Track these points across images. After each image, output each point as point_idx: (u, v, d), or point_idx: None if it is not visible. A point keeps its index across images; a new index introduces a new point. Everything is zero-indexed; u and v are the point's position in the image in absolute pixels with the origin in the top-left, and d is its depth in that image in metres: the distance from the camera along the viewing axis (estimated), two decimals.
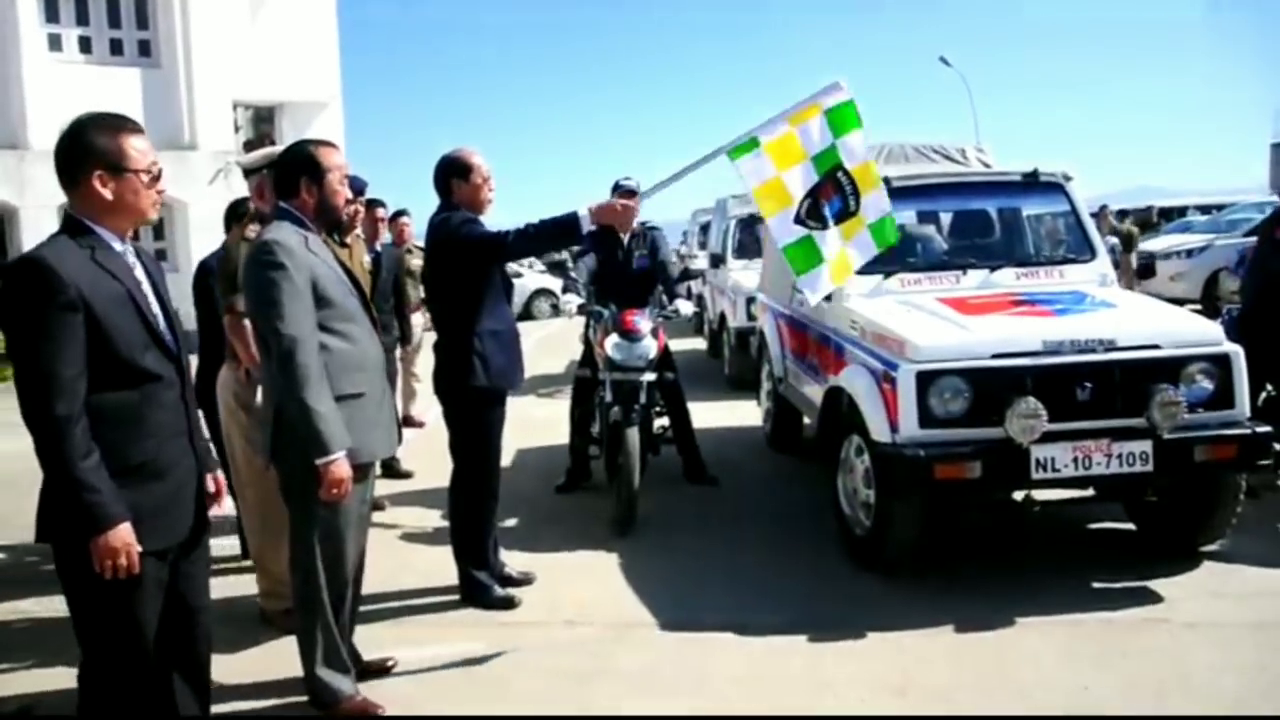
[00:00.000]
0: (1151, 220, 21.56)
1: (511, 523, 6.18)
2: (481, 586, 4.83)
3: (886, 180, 5.81)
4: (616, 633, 4.54)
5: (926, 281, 5.66)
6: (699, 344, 13.58)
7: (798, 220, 4.51)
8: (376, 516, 6.26)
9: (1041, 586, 4.80)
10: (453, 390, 4.75)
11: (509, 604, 4.80)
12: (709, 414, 8.27)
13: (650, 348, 6.14)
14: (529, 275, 23.51)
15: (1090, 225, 5.92)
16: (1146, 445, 4.54)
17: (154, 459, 2.79)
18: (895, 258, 6.00)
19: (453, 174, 4.72)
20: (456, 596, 4.90)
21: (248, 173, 4.73)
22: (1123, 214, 19.70)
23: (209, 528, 3.11)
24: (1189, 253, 14.95)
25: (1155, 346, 4.67)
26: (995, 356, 4.61)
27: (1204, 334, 4.78)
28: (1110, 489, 4.85)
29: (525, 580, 5.06)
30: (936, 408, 4.58)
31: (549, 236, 4.53)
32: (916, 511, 4.80)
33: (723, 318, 11.05)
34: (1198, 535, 5.08)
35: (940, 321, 4.94)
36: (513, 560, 5.22)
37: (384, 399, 3.80)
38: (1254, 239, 14.28)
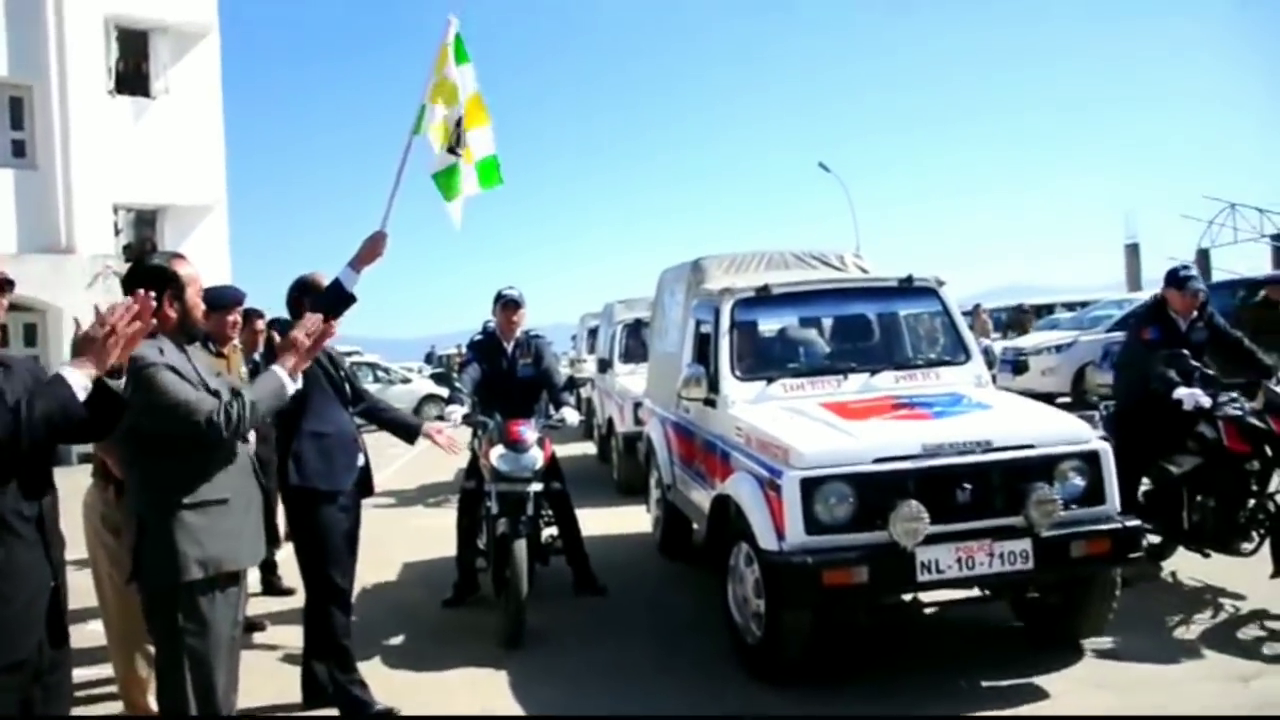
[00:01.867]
0: (1023, 316, 22.40)
1: (397, 640, 6.01)
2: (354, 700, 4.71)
3: (767, 288, 5.92)
4: None
5: (809, 386, 5.69)
6: (588, 448, 13.48)
7: (450, 150, 4.79)
8: (256, 637, 5.98)
9: (932, 688, 4.77)
10: (281, 491, 4.82)
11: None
12: (599, 520, 8.15)
13: (536, 458, 6.04)
14: (417, 381, 23.21)
15: (964, 328, 6.06)
16: (1026, 544, 4.58)
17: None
18: (778, 363, 6.08)
19: (305, 294, 4.70)
20: None
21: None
22: (1019, 309, 20.61)
23: (66, 642, 2.93)
24: (1058, 348, 15.51)
25: (1030, 446, 4.75)
26: (877, 461, 4.63)
27: (1075, 432, 4.88)
28: (994, 588, 4.87)
29: (386, 715, 4.76)
30: (822, 514, 4.56)
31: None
32: (806, 619, 4.74)
33: (610, 423, 11.01)
34: (1078, 629, 5.13)
35: (823, 427, 4.94)
36: (393, 678, 4.99)
37: (250, 506, 3.58)
38: (1118, 334, 15.04)
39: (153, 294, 2.84)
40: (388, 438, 5.84)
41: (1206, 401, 5.61)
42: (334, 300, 4.35)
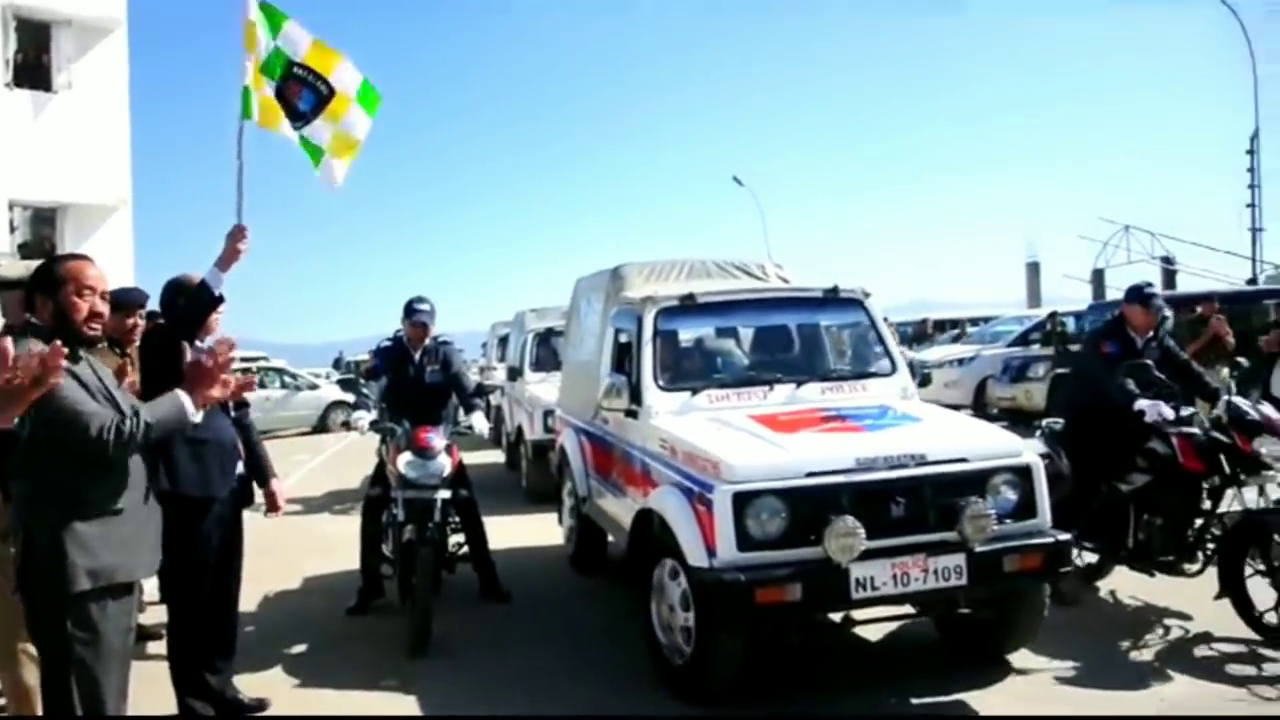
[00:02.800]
0: (927, 332, 22.64)
1: (300, 648, 5.74)
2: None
3: (691, 297, 5.64)
4: None
5: (735, 397, 5.41)
6: (497, 456, 13.08)
7: (293, 126, 4.78)
8: (151, 647, 5.49)
9: (863, 707, 4.52)
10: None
11: None
12: (508, 529, 7.75)
13: (444, 465, 5.84)
14: (325, 387, 22.42)
15: (890, 340, 5.86)
16: (960, 559, 4.37)
17: None
18: (702, 373, 5.80)
19: (180, 295, 4.53)
20: None
21: (4, 285, 4.17)
22: (923, 323, 20.71)
23: None
24: (960, 362, 15.61)
25: (963, 460, 4.55)
26: (810, 475, 4.37)
27: (1007, 446, 4.69)
28: (927, 604, 4.65)
29: (258, 707, 4.72)
30: (754, 529, 4.28)
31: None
32: (738, 638, 4.46)
33: (520, 431, 10.61)
34: (1005, 643, 4.95)
35: (753, 440, 4.67)
36: (295, 687, 4.87)
37: (150, 518, 3.36)
38: (1019, 349, 15.21)
39: (64, 350, 2.62)
40: (295, 443, 5.52)
41: (1170, 414, 5.45)
42: (201, 302, 4.27)
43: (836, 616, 4.74)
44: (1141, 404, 5.51)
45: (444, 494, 5.85)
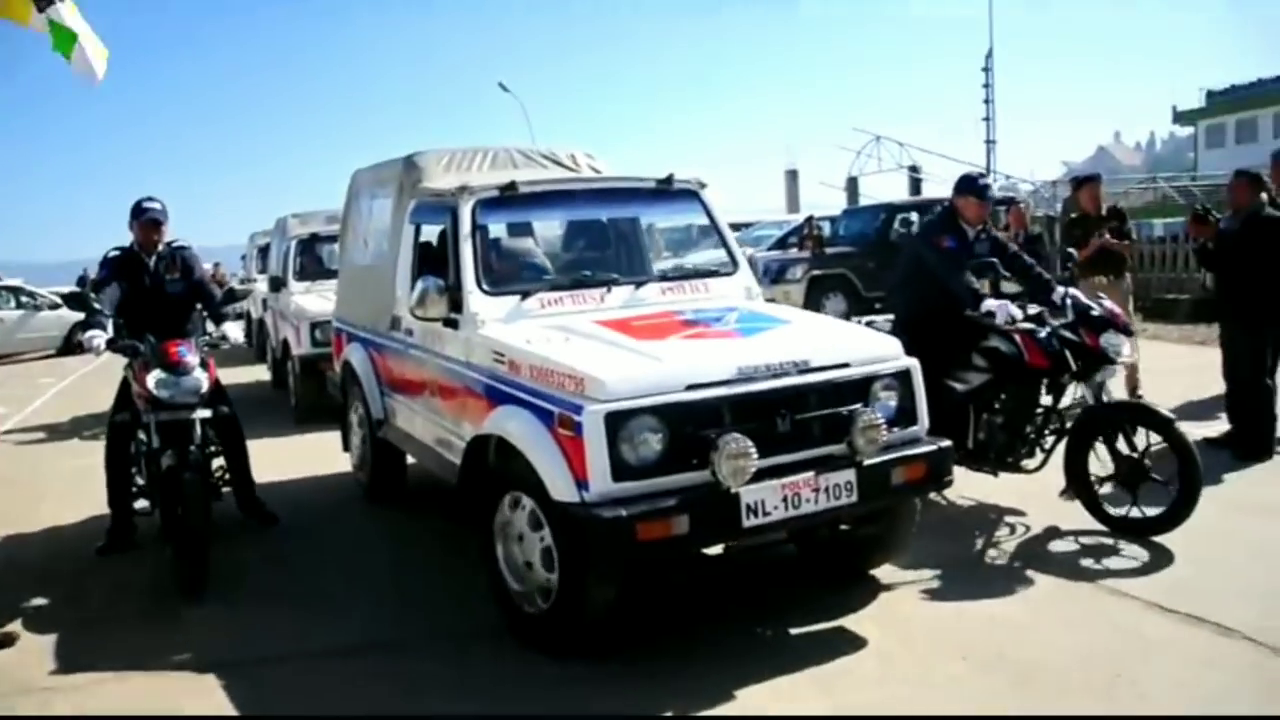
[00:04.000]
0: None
1: (39, 601, 4.76)
2: None
3: (514, 185, 4.76)
4: None
5: (569, 301, 4.59)
6: (261, 374, 11.63)
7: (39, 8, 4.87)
8: None
9: (740, 644, 3.96)
10: None
11: None
12: (280, 453, 6.67)
13: (201, 380, 4.94)
14: (68, 308, 19.45)
15: (730, 236, 5.20)
16: (850, 474, 3.83)
17: None
18: (530, 274, 4.94)
19: None
20: None
21: None
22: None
23: None
24: None
25: (845, 365, 3.99)
26: (690, 388, 3.66)
27: (887, 349, 4.17)
28: (813, 528, 4.10)
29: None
30: (629, 455, 3.54)
31: None
32: (613, 581, 3.73)
33: (286, 345, 9.28)
34: (872, 560, 4.52)
35: (616, 350, 3.90)
36: (44, 644, 4.18)
37: None
38: (778, 252, 15.15)
39: None
40: (38, 367, 4.40)
41: (1019, 314, 5.08)
42: None
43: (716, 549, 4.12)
44: (990, 304, 5.14)
45: (204, 413, 5.00)
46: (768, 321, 4.36)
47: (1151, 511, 4.76)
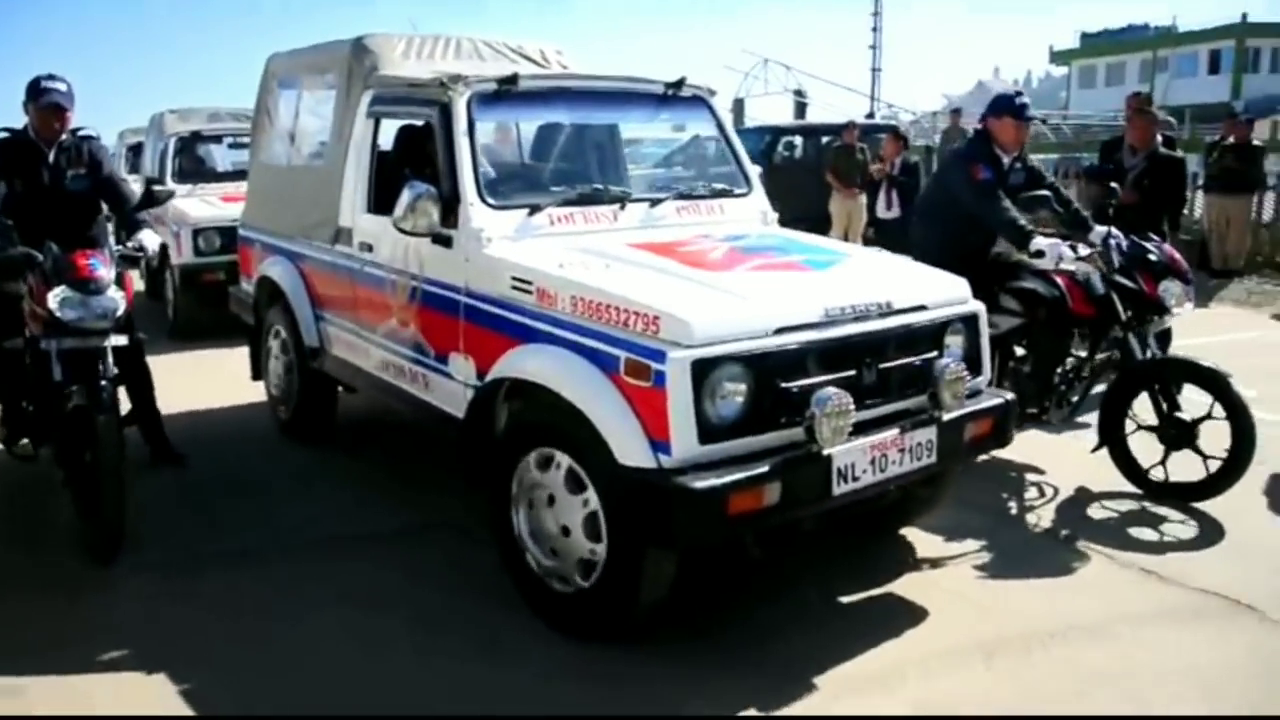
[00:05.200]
0: None
1: None
2: None
3: (515, 79, 3.95)
4: None
5: (581, 219, 3.83)
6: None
7: None
8: None
9: (787, 616, 3.42)
10: None
11: None
12: (161, 376, 5.52)
13: (117, 302, 3.96)
14: None
15: (742, 151, 4.51)
16: (931, 432, 3.31)
17: None
18: (538, 186, 4.15)
19: None
20: None
21: None
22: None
23: None
24: None
25: (922, 307, 3.43)
26: (779, 332, 3.03)
27: (957, 290, 3.63)
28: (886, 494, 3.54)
29: None
30: (712, 412, 2.89)
31: None
32: (673, 557, 3.10)
33: (164, 253, 7.96)
34: (905, 520, 4.05)
35: (687, 284, 3.19)
36: None
37: None
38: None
39: None
40: None
41: (1070, 256, 4.47)
42: None
43: None
44: (1040, 243, 4.46)
45: (119, 340, 3.99)
46: (830, 254, 3.75)
47: (1190, 477, 4.33)
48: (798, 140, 13.62)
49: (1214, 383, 4.25)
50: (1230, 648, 3.28)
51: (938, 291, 3.54)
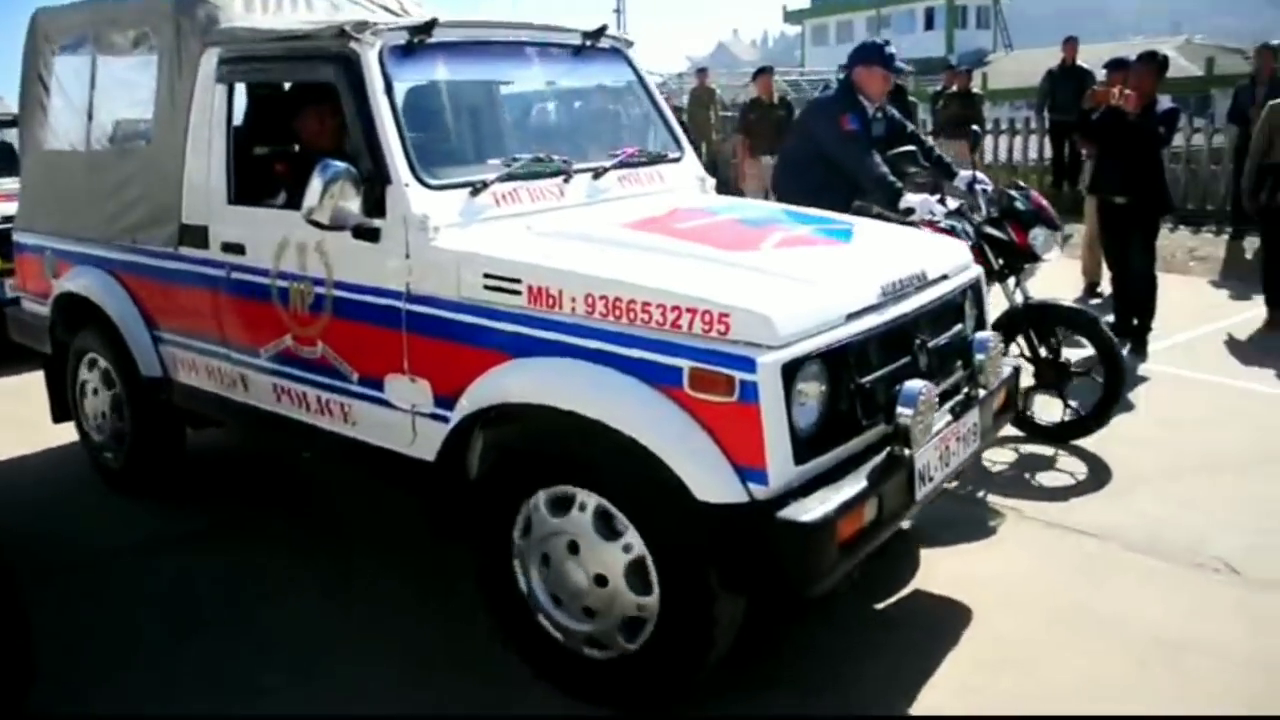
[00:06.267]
0: None
1: None
2: None
3: (431, 25, 3.12)
4: None
5: (526, 196, 3.07)
6: None
7: None
8: None
9: (824, 627, 2.92)
10: None
11: None
12: None
13: None
14: None
15: (667, 109, 3.87)
16: (976, 414, 2.91)
17: None
18: (471, 157, 3.35)
19: None
20: None
21: None
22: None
23: None
24: None
25: (945, 276, 3.00)
26: (849, 318, 2.49)
27: (962, 254, 3.22)
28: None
29: None
30: (800, 424, 2.31)
31: None
32: (743, 602, 2.50)
33: None
34: None
35: (730, 270, 2.55)
36: None
37: None
38: None
39: None
40: None
41: (940, 211, 4.23)
42: None
43: None
44: (910, 199, 4.25)
45: None
46: (835, 223, 3.22)
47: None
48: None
49: (1084, 325, 4.29)
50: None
51: (950, 258, 3.12)
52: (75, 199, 4.01)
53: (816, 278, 2.54)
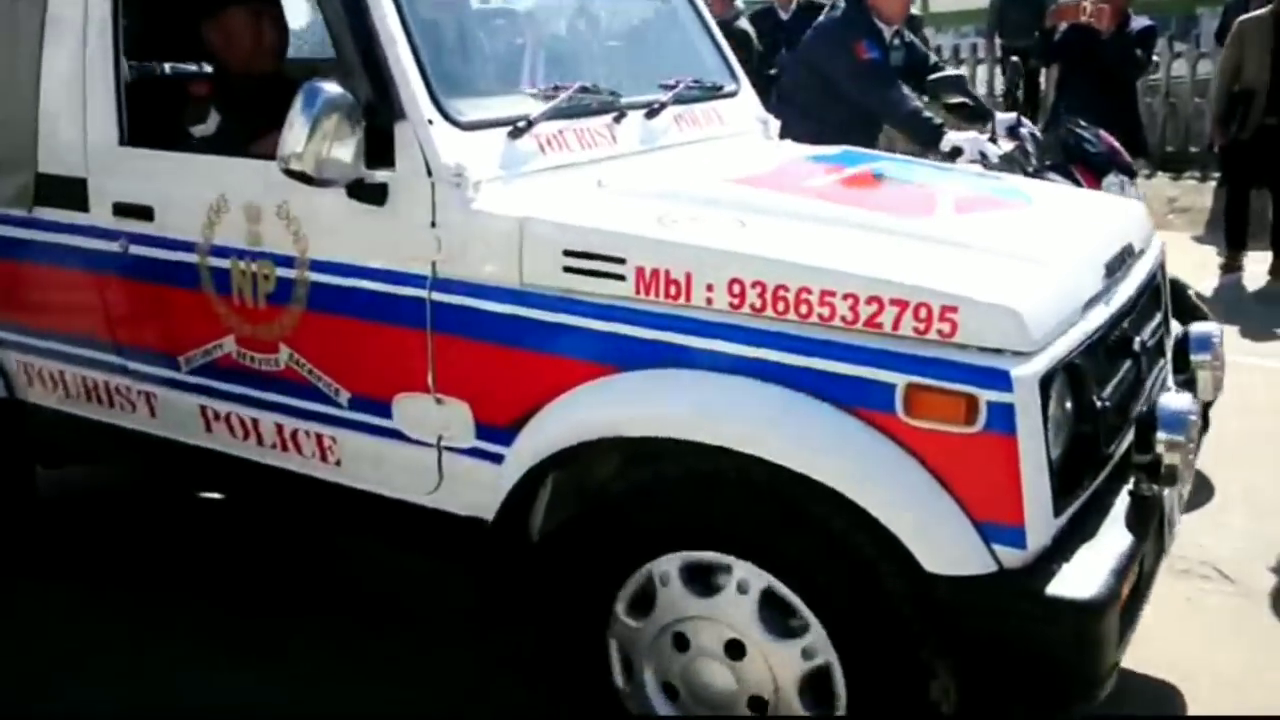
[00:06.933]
0: None
1: None
2: None
3: None
4: None
5: (574, 139, 2.70)
6: None
7: None
8: None
9: None
10: None
11: None
12: None
13: None
14: None
15: (721, 38, 3.53)
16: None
17: None
18: (491, 88, 2.93)
19: None
20: None
21: None
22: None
23: None
24: None
25: (1139, 250, 2.79)
26: (1085, 309, 2.24)
27: (1147, 220, 3.00)
28: None
29: None
30: (1055, 460, 2.03)
31: None
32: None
33: None
34: None
35: (924, 245, 2.23)
36: None
37: None
38: None
39: None
40: None
41: (994, 151, 4.07)
42: None
43: None
44: (955, 137, 4.15)
45: None
46: (992, 177, 2.98)
47: None
48: None
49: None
50: None
51: (1137, 223, 2.89)
52: None
53: (1039, 254, 2.25)
